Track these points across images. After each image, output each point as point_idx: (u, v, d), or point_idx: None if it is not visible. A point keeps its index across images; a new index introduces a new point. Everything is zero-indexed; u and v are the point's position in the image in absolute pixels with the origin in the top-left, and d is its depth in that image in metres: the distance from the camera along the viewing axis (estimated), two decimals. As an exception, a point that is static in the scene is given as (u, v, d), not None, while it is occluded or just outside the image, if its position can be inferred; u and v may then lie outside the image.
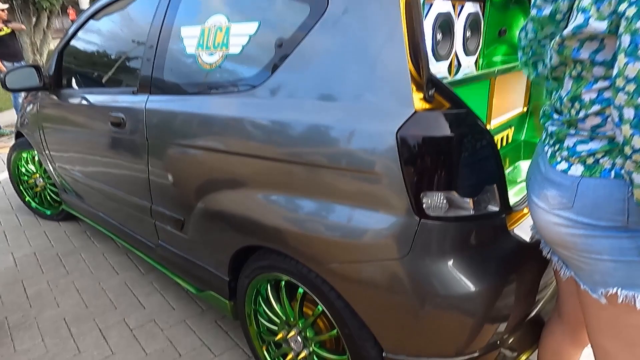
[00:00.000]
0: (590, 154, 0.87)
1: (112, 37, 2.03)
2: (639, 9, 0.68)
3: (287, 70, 1.22)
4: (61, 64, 2.31)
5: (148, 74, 1.66)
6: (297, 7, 1.22)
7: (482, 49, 1.79)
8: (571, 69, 0.87)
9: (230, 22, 1.38)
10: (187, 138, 1.49)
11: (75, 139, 2.28)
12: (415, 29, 1.03)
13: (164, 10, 1.62)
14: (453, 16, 1.56)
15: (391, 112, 1.04)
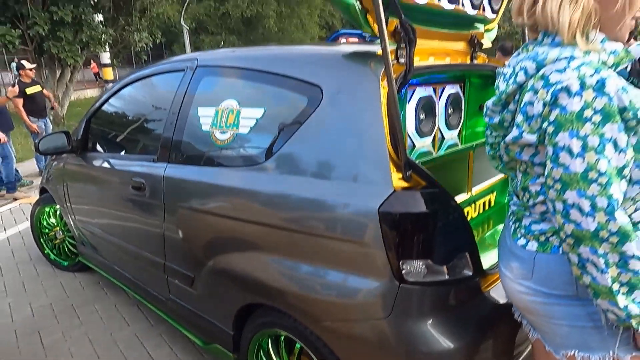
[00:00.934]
0: (541, 233, 1.04)
1: (137, 109, 2.30)
2: (555, 127, 0.88)
3: (288, 151, 1.42)
4: (88, 130, 2.57)
5: (168, 145, 1.89)
6: (296, 98, 1.45)
7: (464, 123, 2.01)
8: (519, 165, 1.06)
9: (240, 106, 1.61)
10: (200, 204, 1.69)
11: (97, 196, 2.49)
12: (394, 119, 1.23)
13: (184, 91, 1.87)
14: (434, 98, 1.79)
15: (374, 190, 1.23)
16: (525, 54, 1.02)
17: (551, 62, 0.92)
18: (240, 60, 1.71)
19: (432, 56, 1.68)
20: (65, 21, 9.78)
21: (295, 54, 1.65)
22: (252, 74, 1.61)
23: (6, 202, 5.25)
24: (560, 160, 0.88)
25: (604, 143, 0.84)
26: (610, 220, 0.83)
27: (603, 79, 0.84)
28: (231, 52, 1.85)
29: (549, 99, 0.88)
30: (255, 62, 1.64)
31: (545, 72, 0.92)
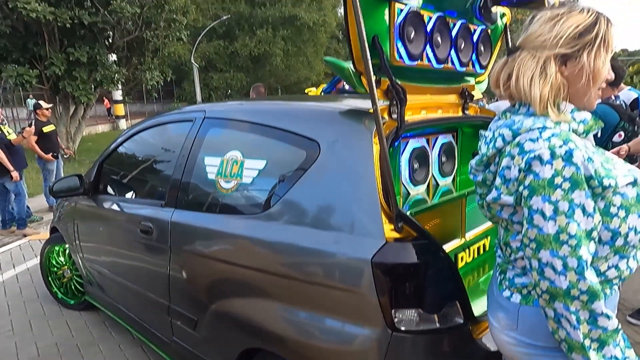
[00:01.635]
0: (524, 286, 1.10)
1: (148, 155, 2.42)
2: (529, 192, 0.96)
3: (287, 202, 1.51)
4: (100, 172, 2.69)
5: (175, 191, 1.99)
6: (296, 152, 1.55)
7: (457, 170, 2.10)
8: (501, 221, 1.13)
9: (244, 157, 1.71)
10: (204, 249, 1.77)
11: (106, 237, 2.58)
12: (385, 175, 1.32)
13: (192, 141, 1.98)
14: (427, 148, 1.89)
15: (367, 241, 1.30)
16: (503, 120, 1.12)
17: (526, 131, 1.01)
18: (244, 113, 1.84)
19: (424, 110, 1.80)
20: (81, 61, 10.21)
21: (296, 109, 1.77)
22: (256, 127, 1.72)
23: (16, 238, 5.35)
24: (535, 222, 0.95)
25: (573, 208, 0.92)
26: (580, 280, 0.89)
27: (571, 150, 0.93)
28: (237, 105, 1.99)
29: (524, 166, 0.97)
30: (258, 116, 1.76)
31: (520, 140, 1.00)
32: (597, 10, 1.04)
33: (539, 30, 1.03)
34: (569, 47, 1.00)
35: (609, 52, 1.02)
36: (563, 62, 1.02)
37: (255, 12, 20.94)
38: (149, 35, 11.56)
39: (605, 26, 1.01)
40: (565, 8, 1.03)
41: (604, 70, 1.03)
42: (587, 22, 1.00)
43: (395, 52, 1.50)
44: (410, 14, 1.51)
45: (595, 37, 1.00)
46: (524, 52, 1.06)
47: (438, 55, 1.67)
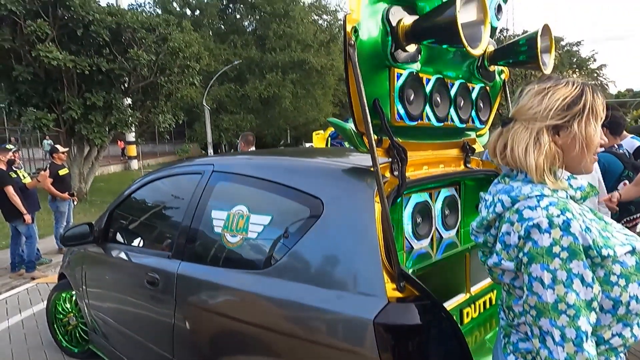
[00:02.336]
0: (528, 352, 1.09)
1: (157, 206, 2.48)
2: (529, 259, 0.98)
3: (290, 259, 1.54)
4: (110, 221, 2.75)
5: (182, 243, 2.02)
6: (300, 209, 1.59)
7: (461, 222, 2.11)
8: (503, 285, 1.14)
9: (250, 212, 1.76)
10: (209, 304, 1.78)
11: (112, 285, 2.60)
12: (387, 234, 1.35)
13: (200, 194, 2.04)
14: (430, 203, 1.92)
15: (369, 301, 1.31)
16: (502, 185, 1.15)
17: (524, 199, 1.04)
18: (251, 168, 1.90)
19: (426, 165, 1.84)
20: (97, 105, 10.59)
21: (300, 166, 1.82)
22: (262, 183, 1.78)
23: (24, 281, 5.37)
24: (534, 289, 0.96)
25: (571, 278, 0.93)
26: (578, 352, 0.89)
27: (568, 220, 0.95)
28: (245, 160, 2.05)
29: (523, 233, 0.99)
30: (264, 171, 1.82)
31: (519, 207, 1.03)
32: (582, 81, 1.09)
33: (529, 104, 1.09)
34: (559, 118, 1.05)
35: (598, 120, 1.07)
36: (555, 132, 1.07)
37: (266, 57, 21.73)
38: (163, 80, 12.01)
39: (591, 96, 1.06)
40: (551, 82, 1.09)
41: (596, 138, 1.07)
42: (573, 94, 1.05)
43: (395, 113, 1.57)
44: (409, 78, 1.58)
45: (583, 107, 1.05)
46: (517, 124, 1.11)
47: (438, 114, 1.73)
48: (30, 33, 9.32)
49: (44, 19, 9.65)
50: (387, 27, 1.49)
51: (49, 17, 9.75)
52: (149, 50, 11.03)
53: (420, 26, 1.49)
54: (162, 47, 11.42)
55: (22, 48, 9.63)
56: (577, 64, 37.91)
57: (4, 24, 9.45)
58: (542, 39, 1.81)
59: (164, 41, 11.47)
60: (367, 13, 1.45)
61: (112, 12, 10.99)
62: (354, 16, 1.40)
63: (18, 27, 9.50)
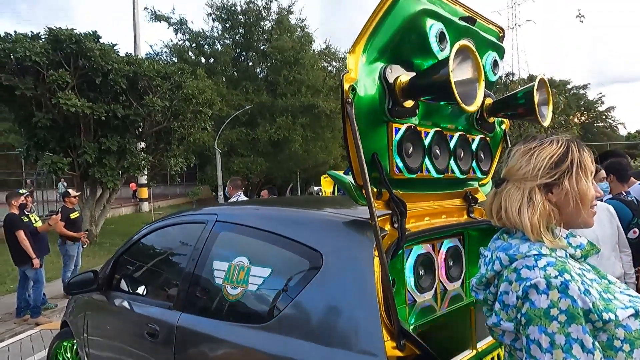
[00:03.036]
0: None
1: (160, 255, 2.49)
2: (527, 320, 0.95)
3: (289, 314, 1.51)
4: (115, 269, 2.75)
5: (183, 294, 2.01)
6: (299, 262, 1.59)
7: (466, 273, 2.07)
8: (504, 346, 1.11)
9: (250, 264, 1.75)
10: (208, 358, 1.74)
11: (113, 334, 2.56)
12: (386, 290, 1.33)
13: (203, 244, 2.04)
14: (433, 254, 1.90)
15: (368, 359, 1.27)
16: (501, 241, 1.14)
17: (522, 258, 1.03)
18: (253, 219, 1.91)
19: (428, 217, 1.84)
20: (111, 150, 10.87)
21: (301, 218, 1.83)
22: (263, 234, 1.78)
23: (28, 327, 5.32)
24: (532, 353, 0.93)
25: (570, 343, 0.90)
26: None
27: (566, 282, 0.93)
28: (248, 210, 2.07)
29: (521, 293, 0.97)
30: (265, 222, 1.83)
31: (517, 266, 1.02)
32: (568, 138, 1.11)
33: (518, 164, 1.10)
34: (548, 177, 1.06)
35: (588, 174, 1.07)
36: (548, 190, 1.07)
37: (277, 102, 22.31)
38: (176, 125, 12.35)
39: (577, 152, 1.07)
40: (536, 141, 1.11)
41: (589, 192, 1.07)
42: (559, 151, 1.07)
43: (394, 167, 1.59)
44: (407, 132, 1.61)
45: (571, 164, 1.06)
46: (509, 184, 1.12)
47: (437, 166, 1.75)
48: (52, 82, 9.76)
49: (66, 68, 10.14)
50: (384, 85, 1.54)
51: (70, 67, 10.24)
52: (163, 96, 11.43)
53: (416, 84, 1.55)
54: (177, 93, 11.84)
55: (43, 96, 10.06)
56: (584, 106, 38.17)
57: (28, 74, 9.92)
58: (539, 92, 1.85)
59: (179, 88, 11.90)
60: (365, 72, 1.51)
61: (130, 61, 11.51)
62: (352, 75, 1.46)
63: (41, 77, 9.97)
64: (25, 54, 9.49)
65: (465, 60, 1.48)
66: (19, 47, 9.52)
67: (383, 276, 1.35)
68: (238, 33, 25.09)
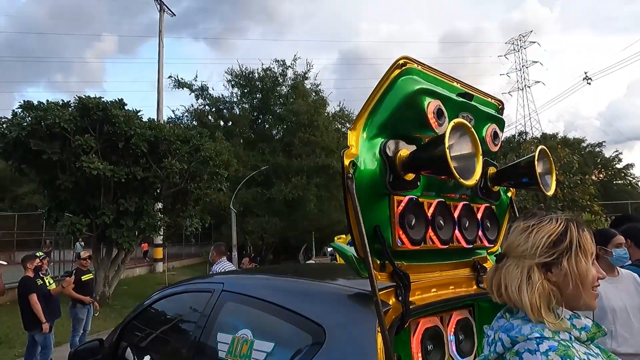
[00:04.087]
0: None
1: (166, 324, 2.46)
2: None
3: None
4: (120, 338, 2.72)
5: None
6: (302, 336, 1.56)
7: (478, 348, 1.99)
8: None
9: (254, 337, 1.72)
10: None
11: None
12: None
13: (208, 314, 2.03)
14: (441, 328, 1.84)
15: None
16: (504, 321, 1.11)
17: (523, 340, 1.00)
18: (257, 290, 1.90)
19: (435, 288, 1.81)
20: (129, 211, 11.10)
21: (304, 290, 1.82)
22: (267, 306, 1.77)
23: (32, 395, 5.17)
24: None
25: None
26: None
27: None
28: (254, 280, 2.07)
29: None
30: (270, 293, 1.82)
31: (519, 349, 0.99)
32: (567, 216, 1.11)
33: (517, 241, 1.10)
34: (547, 256, 1.05)
35: (588, 256, 1.06)
36: (547, 270, 1.06)
37: (292, 163, 22.81)
38: (193, 186, 12.63)
39: (576, 232, 1.06)
40: (535, 219, 1.11)
41: (589, 274, 1.05)
42: (558, 230, 1.06)
43: (397, 239, 1.60)
44: (409, 204, 1.64)
45: (570, 244, 1.05)
46: (509, 260, 1.12)
47: (441, 237, 1.75)
48: (77, 146, 10.25)
49: (91, 134, 10.68)
50: (385, 159, 1.59)
51: (96, 132, 10.79)
52: (182, 159, 11.82)
53: (415, 158, 1.59)
54: (195, 156, 12.24)
55: (68, 160, 10.52)
56: (601, 164, 37.87)
57: (56, 139, 10.46)
58: (541, 161, 1.88)
59: (197, 151, 12.32)
60: (366, 147, 1.57)
61: (152, 126, 12.08)
62: (352, 150, 1.52)
63: (67, 142, 10.49)
64: (55, 121, 10.08)
65: (463, 135, 1.54)
66: (49, 115, 10.13)
67: (386, 353, 1.32)
68: (255, 98, 26.32)
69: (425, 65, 1.75)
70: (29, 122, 10.11)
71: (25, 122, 10.15)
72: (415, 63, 1.70)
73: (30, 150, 10.10)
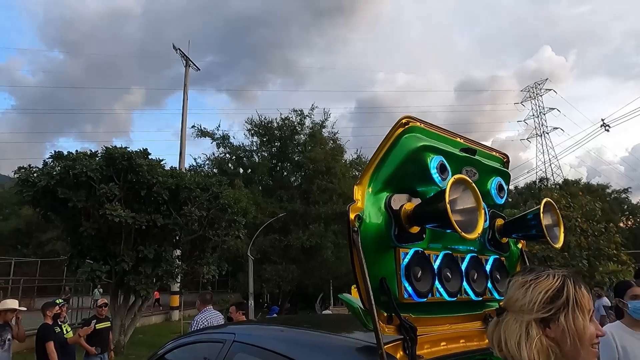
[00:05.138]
0: None
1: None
2: None
3: None
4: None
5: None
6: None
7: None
8: None
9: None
10: None
11: None
12: None
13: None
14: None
15: None
16: None
17: None
18: (267, 341, 1.92)
19: (445, 341, 1.80)
20: (148, 258, 11.22)
21: (314, 341, 1.83)
22: (277, 358, 1.78)
23: None
24: None
25: None
26: None
27: None
28: (264, 331, 2.09)
29: None
30: (280, 345, 1.84)
31: None
32: (564, 272, 1.14)
33: (515, 296, 1.13)
34: (545, 311, 1.07)
35: (585, 313, 1.07)
36: (546, 325, 1.08)
37: (309, 210, 22.89)
38: (210, 233, 12.76)
39: (573, 288, 1.09)
40: (533, 274, 1.15)
41: (586, 331, 1.06)
42: (555, 286, 1.09)
43: (403, 291, 1.62)
44: (415, 256, 1.67)
45: (567, 300, 1.07)
46: (509, 315, 1.14)
47: (449, 289, 1.76)
48: (102, 194, 10.59)
49: (116, 182, 11.05)
50: (390, 212, 1.65)
51: (120, 181, 11.16)
52: (201, 207, 12.04)
53: (420, 212, 1.65)
54: (213, 203, 12.46)
55: (92, 207, 10.84)
56: (629, 211, 36.71)
57: (82, 187, 10.85)
58: (548, 214, 1.90)
59: (216, 198, 12.55)
60: (372, 201, 1.64)
61: (174, 174, 12.45)
62: (358, 205, 1.59)
63: (93, 190, 10.86)
64: (82, 170, 10.51)
65: (465, 190, 1.60)
66: (77, 164, 10.58)
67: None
68: (274, 146, 26.97)
69: (427, 123, 1.85)
70: (58, 171, 10.57)
71: (55, 171, 10.61)
72: (418, 121, 1.80)
73: (57, 198, 10.48)
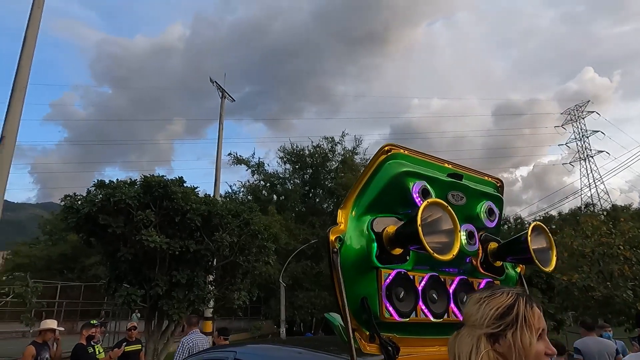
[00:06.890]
0: None
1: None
2: None
3: None
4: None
5: None
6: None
7: None
8: None
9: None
10: None
11: None
12: None
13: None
14: (439, 406, 1.82)
15: None
16: None
17: None
18: (262, 359, 2.02)
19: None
20: (180, 283, 11.54)
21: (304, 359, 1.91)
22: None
23: None
24: None
25: None
26: None
27: None
28: (263, 350, 2.18)
29: None
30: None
31: None
32: (519, 291, 1.19)
33: (470, 311, 1.19)
34: (494, 327, 1.13)
35: (533, 332, 1.11)
36: (495, 340, 1.13)
37: (341, 236, 22.74)
38: (241, 259, 12.98)
39: (524, 307, 1.13)
40: (488, 291, 1.20)
41: (532, 349, 1.10)
42: (506, 303, 1.14)
43: (384, 310, 1.69)
44: (397, 277, 1.74)
45: (516, 317, 1.12)
46: (464, 329, 1.20)
47: (434, 310, 1.81)
48: (139, 221, 11.10)
49: (152, 209, 11.57)
50: (373, 235, 1.74)
51: (156, 208, 11.67)
52: (232, 233, 12.33)
53: (400, 234, 1.73)
54: (244, 229, 12.72)
55: (129, 233, 11.36)
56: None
57: (121, 214, 11.42)
58: (538, 237, 1.93)
59: (247, 224, 12.82)
60: (354, 224, 1.74)
61: (207, 201, 12.85)
62: (341, 227, 1.69)
63: (131, 216, 11.40)
64: (121, 197, 11.10)
65: (443, 213, 1.67)
66: (117, 192, 11.19)
67: None
68: (306, 173, 27.33)
69: (412, 150, 1.94)
70: (100, 198, 11.21)
71: (97, 198, 11.25)
72: (401, 149, 1.90)
73: (98, 224, 11.06)
